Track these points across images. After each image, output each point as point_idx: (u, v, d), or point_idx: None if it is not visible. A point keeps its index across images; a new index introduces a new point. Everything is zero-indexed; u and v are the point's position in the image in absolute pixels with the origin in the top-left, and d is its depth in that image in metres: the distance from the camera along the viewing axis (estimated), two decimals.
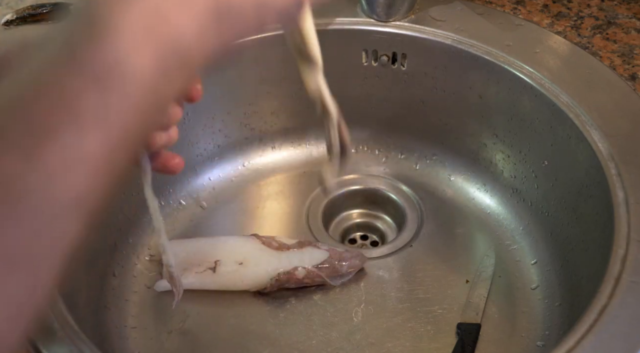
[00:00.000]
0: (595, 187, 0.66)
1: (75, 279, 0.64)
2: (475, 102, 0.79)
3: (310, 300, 0.72)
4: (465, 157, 0.83)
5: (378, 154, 0.87)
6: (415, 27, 0.79)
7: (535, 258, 0.75)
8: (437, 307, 0.71)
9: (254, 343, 0.69)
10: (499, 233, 0.79)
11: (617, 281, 0.55)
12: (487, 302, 0.72)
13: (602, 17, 0.81)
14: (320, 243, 0.74)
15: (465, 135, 0.82)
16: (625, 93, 0.71)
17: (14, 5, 0.81)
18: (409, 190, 0.83)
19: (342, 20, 0.80)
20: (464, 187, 0.83)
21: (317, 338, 0.69)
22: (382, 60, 0.81)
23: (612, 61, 0.75)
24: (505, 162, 0.80)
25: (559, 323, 0.69)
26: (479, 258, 0.76)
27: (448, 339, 0.69)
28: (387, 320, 0.71)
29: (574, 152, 0.70)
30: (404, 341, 0.69)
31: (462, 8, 0.80)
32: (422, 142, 0.85)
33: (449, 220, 0.80)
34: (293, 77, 0.85)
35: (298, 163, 0.87)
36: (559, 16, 0.81)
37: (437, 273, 0.75)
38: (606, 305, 0.54)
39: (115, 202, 0.74)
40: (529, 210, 0.78)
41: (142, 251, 0.76)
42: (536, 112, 0.74)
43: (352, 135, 0.89)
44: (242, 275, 0.71)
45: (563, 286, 0.71)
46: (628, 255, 0.57)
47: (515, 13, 0.81)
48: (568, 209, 0.72)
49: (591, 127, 0.68)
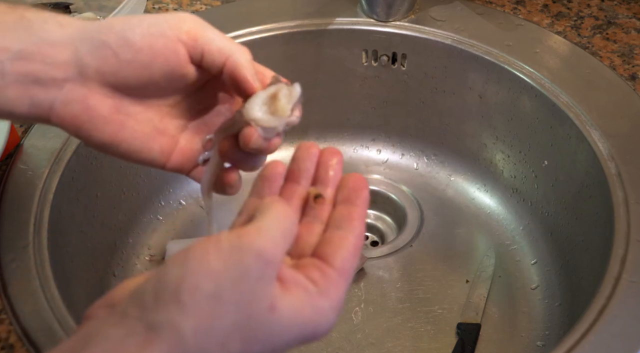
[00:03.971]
0: (595, 187, 0.66)
1: (75, 279, 0.64)
2: (475, 102, 0.79)
3: None
4: (465, 157, 0.83)
5: (378, 154, 0.87)
6: (415, 27, 0.79)
7: (535, 258, 0.75)
8: (437, 307, 0.71)
9: None
10: (499, 233, 0.79)
11: (617, 281, 0.55)
12: (487, 302, 0.72)
13: (602, 17, 0.81)
14: None
15: (465, 135, 0.82)
16: (625, 93, 0.71)
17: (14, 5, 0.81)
18: (409, 190, 0.83)
19: (342, 20, 0.80)
20: (464, 187, 0.83)
21: None
22: (382, 60, 0.81)
23: (612, 61, 0.75)
24: (505, 162, 0.80)
25: (559, 323, 0.69)
26: (479, 258, 0.76)
27: (448, 339, 0.69)
28: (387, 320, 0.71)
29: (574, 152, 0.70)
30: (404, 341, 0.69)
31: (462, 8, 0.80)
32: (422, 142, 0.86)
33: (449, 220, 0.80)
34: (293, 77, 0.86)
35: None
36: (559, 16, 0.81)
37: (437, 273, 0.75)
38: (606, 305, 0.54)
39: (115, 202, 0.74)
40: (529, 210, 0.78)
41: (142, 251, 0.76)
42: (536, 112, 0.74)
43: (352, 135, 0.90)
44: None
45: (563, 286, 0.71)
46: (628, 255, 0.57)
47: (515, 13, 0.81)
48: (568, 209, 0.72)
49: (591, 127, 0.68)
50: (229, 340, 0.33)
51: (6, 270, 0.57)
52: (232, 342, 0.33)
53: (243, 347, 0.33)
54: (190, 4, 0.84)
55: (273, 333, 0.34)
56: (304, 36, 0.80)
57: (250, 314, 0.33)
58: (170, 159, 0.46)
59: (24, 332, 0.53)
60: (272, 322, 0.34)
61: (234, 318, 0.33)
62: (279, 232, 0.35)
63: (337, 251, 0.37)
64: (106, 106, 0.43)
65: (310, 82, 0.84)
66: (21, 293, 0.55)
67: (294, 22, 0.80)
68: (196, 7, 0.83)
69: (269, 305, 0.33)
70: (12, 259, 0.57)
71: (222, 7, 0.83)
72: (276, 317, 0.34)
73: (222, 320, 0.32)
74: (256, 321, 0.33)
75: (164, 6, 0.83)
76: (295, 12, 0.81)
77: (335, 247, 0.37)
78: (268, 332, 0.34)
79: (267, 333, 0.34)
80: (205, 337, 0.32)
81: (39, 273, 0.57)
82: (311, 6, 0.81)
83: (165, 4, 0.84)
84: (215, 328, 0.32)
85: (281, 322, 0.34)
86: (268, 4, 0.82)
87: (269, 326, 0.34)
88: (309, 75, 0.83)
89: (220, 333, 0.33)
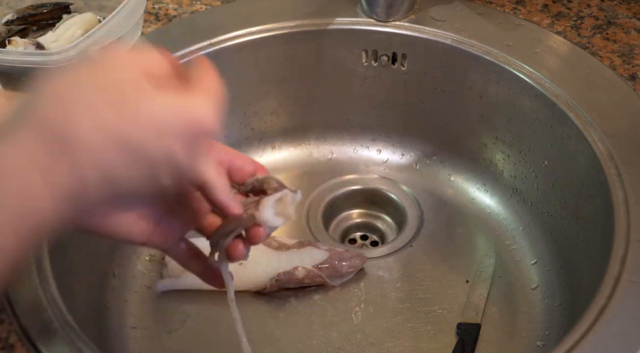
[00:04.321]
0: (595, 187, 0.66)
1: (75, 279, 0.64)
2: (475, 102, 0.79)
3: (310, 300, 0.72)
4: (465, 157, 0.83)
5: (378, 154, 0.87)
6: (415, 27, 0.79)
7: (535, 258, 0.75)
8: (437, 307, 0.71)
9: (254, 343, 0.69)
10: (499, 233, 0.79)
11: (617, 281, 0.55)
12: (487, 302, 0.72)
13: (602, 17, 0.81)
14: (320, 243, 0.74)
15: (465, 135, 0.82)
16: (625, 93, 0.71)
17: (14, 5, 0.81)
18: (409, 190, 0.83)
19: (342, 20, 0.80)
20: (464, 187, 0.83)
21: (317, 338, 0.69)
22: (382, 60, 0.81)
23: (612, 61, 0.75)
24: (505, 162, 0.80)
25: (559, 323, 0.69)
26: (479, 258, 0.76)
27: (448, 339, 0.69)
28: (387, 320, 0.71)
29: (574, 152, 0.70)
30: (404, 341, 0.69)
31: (462, 8, 0.80)
32: (422, 142, 0.86)
33: (449, 220, 0.80)
34: (293, 77, 0.86)
35: (298, 163, 0.87)
36: (559, 16, 0.81)
37: (437, 273, 0.75)
38: (606, 305, 0.54)
39: None
40: (529, 210, 0.78)
41: (142, 251, 0.76)
42: (536, 112, 0.74)
43: (352, 135, 0.90)
44: (242, 275, 0.71)
45: (563, 286, 0.71)
46: (628, 255, 0.57)
47: (515, 13, 0.81)
48: (568, 209, 0.72)
49: (591, 127, 0.68)
50: (100, 108, 0.38)
51: None
52: (105, 110, 0.38)
53: (118, 118, 0.38)
54: (190, 4, 0.84)
55: (147, 106, 0.39)
56: (304, 36, 0.80)
57: (122, 90, 0.39)
58: (150, 239, 0.47)
59: (24, 332, 0.53)
60: (146, 97, 0.39)
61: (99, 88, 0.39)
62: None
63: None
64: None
65: (310, 82, 0.84)
66: (21, 293, 0.55)
67: (294, 22, 0.80)
68: (196, 7, 0.83)
69: (141, 86, 0.39)
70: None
71: (222, 7, 0.83)
72: (148, 94, 0.39)
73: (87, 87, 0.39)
74: (129, 97, 0.39)
75: (164, 6, 0.83)
76: (295, 12, 0.81)
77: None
78: (142, 104, 0.39)
79: (141, 106, 0.39)
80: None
81: (39, 273, 0.57)
82: (311, 6, 0.81)
83: (165, 4, 0.84)
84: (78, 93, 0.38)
85: (154, 98, 0.39)
86: (268, 4, 0.82)
87: (142, 101, 0.39)
88: (309, 75, 0.83)
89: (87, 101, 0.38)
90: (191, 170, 0.42)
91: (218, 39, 0.78)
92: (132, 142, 0.38)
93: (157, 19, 0.82)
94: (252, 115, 0.84)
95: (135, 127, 0.39)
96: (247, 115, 0.84)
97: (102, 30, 0.70)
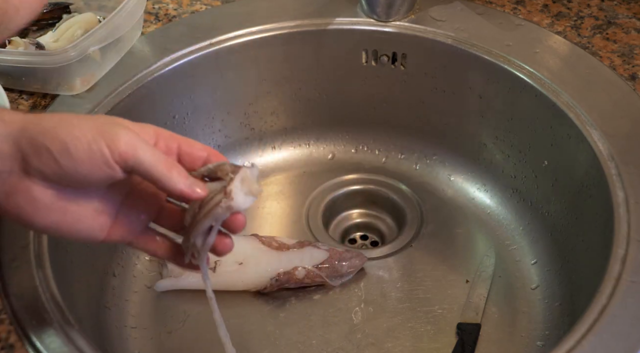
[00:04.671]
0: (595, 187, 0.66)
1: (75, 279, 0.64)
2: (475, 102, 0.79)
3: (310, 300, 0.72)
4: (465, 157, 0.83)
5: (378, 154, 0.87)
6: (415, 27, 0.79)
7: (535, 258, 0.75)
8: (437, 307, 0.71)
9: (254, 343, 0.69)
10: (499, 233, 0.79)
11: (617, 281, 0.56)
12: (487, 302, 0.72)
13: (602, 17, 0.81)
14: (320, 243, 0.74)
15: (465, 135, 0.82)
16: (625, 93, 0.71)
17: None
18: (409, 190, 0.83)
19: (342, 20, 0.80)
20: (464, 187, 0.83)
21: (317, 338, 0.69)
22: (382, 60, 0.81)
23: (612, 61, 0.75)
24: (505, 162, 0.80)
25: (559, 323, 0.69)
26: (479, 258, 0.76)
27: (448, 339, 0.69)
28: (387, 320, 0.71)
29: (574, 152, 0.70)
30: (404, 341, 0.69)
31: (462, 8, 0.80)
32: (422, 142, 0.86)
33: (449, 220, 0.80)
34: (293, 77, 0.86)
35: (298, 163, 0.87)
36: (559, 16, 0.81)
37: (437, 273, 0.75)
38: (606, 305, 0.54)
39: None
40: (529, 210, 0.78)
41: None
42: (536, 112, 0.74)
43: (352, 135, 0.90)
44: (242, 275, 0.71)
45: (563, 286, 0.71)
46: (628, 255, 0.57)
47: (515, 13, 0.81)
48: (568, 209, 0.72)
49: (591, 127, 0.68)
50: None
51: (6, 270, 0.57)
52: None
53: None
54: (190, 4, 0.84)
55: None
56: (304, 36, 0.80)
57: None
58: (110, 234, 0.48)
59: (24, 332, 0.53)
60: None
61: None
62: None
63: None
64: (48, 195, 0.45)
65: (310, 82, 0.84)
66: (21, 293, 0.55)
67: (294, 22, 0.80)
68: (196, 7, 0.83)
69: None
70: (12, 259, 0.57)
71: (222, 7, 0.83)
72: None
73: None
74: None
75: (164, 6, 0.83)
76: (295, 12, 0.81)
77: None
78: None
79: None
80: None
81: (39, 273, 0.57)
82: (311, 6, 0.81)
83: (165, 4, 0.84)
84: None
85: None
86: (268, 4, 0.82)
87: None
88: (309, 75, 0.83)
89: None
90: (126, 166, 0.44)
91: (218, 39, 0.78)
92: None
93: (157, 19, 0.82)
94: (252, 115, 0.84)
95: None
96: (247, 115, 0.84)
97: (102, 30, 0.70)
